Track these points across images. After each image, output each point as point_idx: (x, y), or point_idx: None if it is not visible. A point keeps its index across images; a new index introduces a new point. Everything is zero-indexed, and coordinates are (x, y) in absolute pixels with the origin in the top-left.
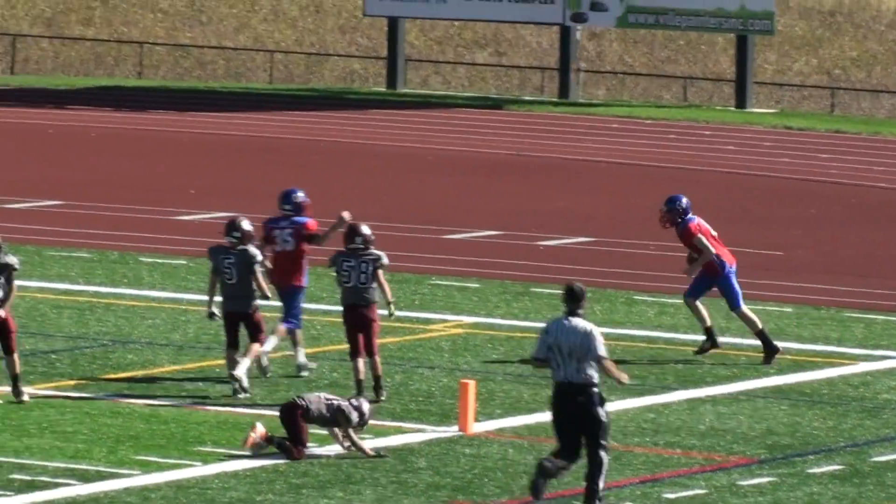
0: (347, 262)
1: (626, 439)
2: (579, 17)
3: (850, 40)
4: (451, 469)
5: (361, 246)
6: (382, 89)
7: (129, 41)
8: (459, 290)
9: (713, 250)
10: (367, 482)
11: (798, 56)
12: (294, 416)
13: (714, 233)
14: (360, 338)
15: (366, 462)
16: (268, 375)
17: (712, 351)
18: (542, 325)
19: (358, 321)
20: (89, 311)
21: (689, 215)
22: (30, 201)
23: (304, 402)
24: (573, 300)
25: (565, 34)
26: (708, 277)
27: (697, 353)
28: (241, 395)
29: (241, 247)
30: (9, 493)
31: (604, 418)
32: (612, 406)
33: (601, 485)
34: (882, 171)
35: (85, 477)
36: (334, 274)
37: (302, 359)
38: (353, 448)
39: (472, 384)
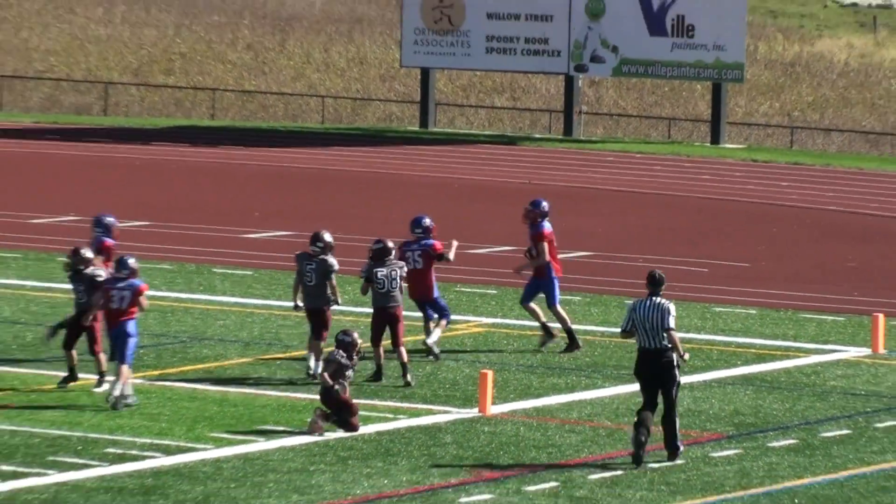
0: (381, 271)
1: (617, 419)
2: (581, 68)
3: (806, 87)
4: (473, 444)
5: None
6: (416, 128)
7: (204, 88)
8: (480, 296)
9: (547, 258)
10: (403, 454)
11: (763, 100)
12: (333, 396)
13: (555, 243)
14: (388, 330)
15: (401, 438)
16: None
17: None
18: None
19: (389, 319)
20: (171, 314)
21: (545, 221)
22: (122, 221)
23: (332, 383)
24: (654, 284)
25: (569, 82)
26: (535, 281)
27: (541, 346)
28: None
29: (321, 256)
30: (104, 464)
31: (677, 376)
32: (608, 392)
33: (678, 422)
34: (832, 197)
35: (167, 451)
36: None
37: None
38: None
39: (490, 374)
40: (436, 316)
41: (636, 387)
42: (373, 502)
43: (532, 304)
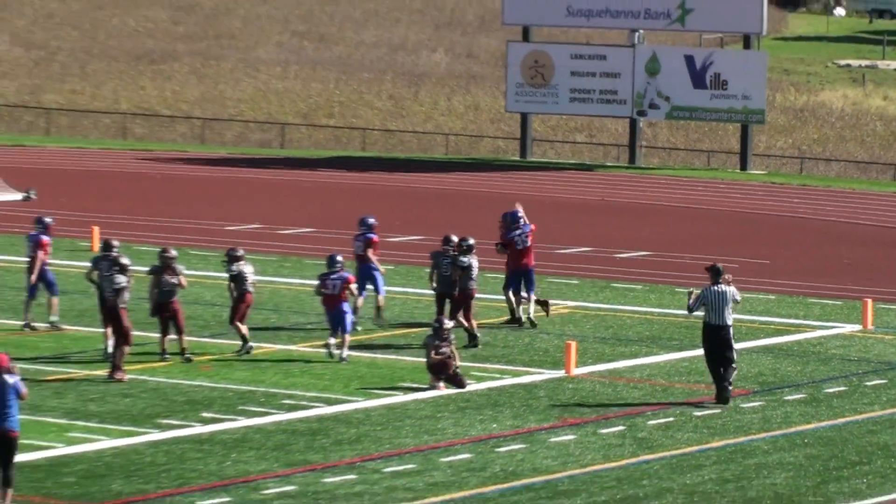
0: (445, 260)
1: (670, 378)
2: (642, 113)
3: (812, 128)
4: (560, 397)
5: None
6: (517, 158)
7: (356, 128)
8: (566, 285)
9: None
10: (507, 405)
11: (780, 137)
12: (446, 365)
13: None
14: (456, 308)
15: (506, 392)
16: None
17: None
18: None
19: (463, 300)
20: None
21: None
22: (291, 229)
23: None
24: (716, 274)
25: (633, 124)
26: (518, 273)
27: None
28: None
29: (453, 253)
30: (281, 412)
31: (734, 345)
32: (662, 358)
33: (731, 378)
34: (832, 211)
35: (329, 402)
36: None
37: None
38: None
39: (573, 344)
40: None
41: (685, 354)
42: (485, 441)
43: (510, 293)
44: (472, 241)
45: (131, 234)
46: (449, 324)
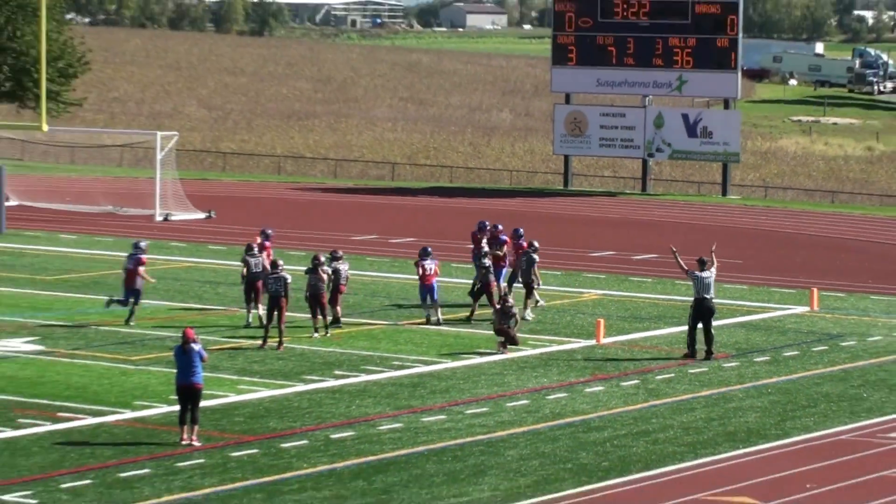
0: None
1: (671, 345)
2: (651, 155)
3: (773, 165)
4: (592, 359)
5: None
6: (561, 188)
7: (446, 166)
8: (596, 279)
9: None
10: (554, 365)
11: (750, 172)
12: (509, 331)
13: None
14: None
15: (553, 355)
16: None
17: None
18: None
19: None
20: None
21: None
22: (398, 238)
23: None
24: (702, 264)
25: (644, 162)
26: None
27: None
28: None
29: (529, 252)
30: (391, 370)
31: (715, 312)
32: (667, 331)
33: (714, 341)
34: (788, 225)
35: (425, 363)
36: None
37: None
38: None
39: (602, 321)
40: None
41: (683, 328)
42: (538, 391)
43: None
44: (536, 244)
45: (285, 243)
46: (511, 301)
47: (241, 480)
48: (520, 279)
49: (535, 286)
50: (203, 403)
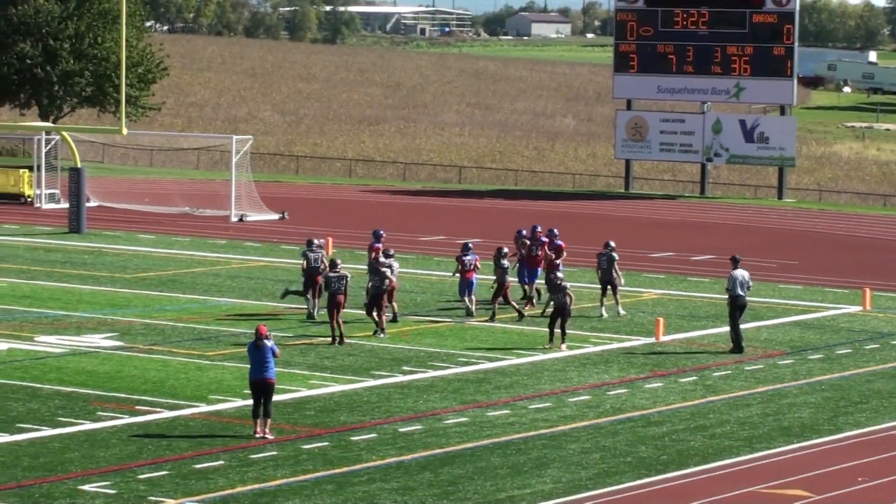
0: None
1: (728, 343)
2: (709, 159)
3: (828, 169)
4: (652, 356)
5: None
6: (623, 191)
7: (511, 169)
8: (656, 279)
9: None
10: (614, 362)
11: (805, 176)
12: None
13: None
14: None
15: (613, 353)
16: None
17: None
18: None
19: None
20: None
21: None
22: (464, 238)
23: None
24: (735, 262)
25: (703, 166)
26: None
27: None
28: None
29: (608, 251)
30: (457, 366)
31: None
32: (722, 329)
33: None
34: (842, 227)
35: (490, 359)
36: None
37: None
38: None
39: (661, 319)
40: None
41: (716, 330)
42: (599, 387)
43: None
44: (612, 244)
45: (355, 244)
46: (561, 275)
47: (313, 472)
48: (599, 277)
49: (620, 285)
50: (275, 398)
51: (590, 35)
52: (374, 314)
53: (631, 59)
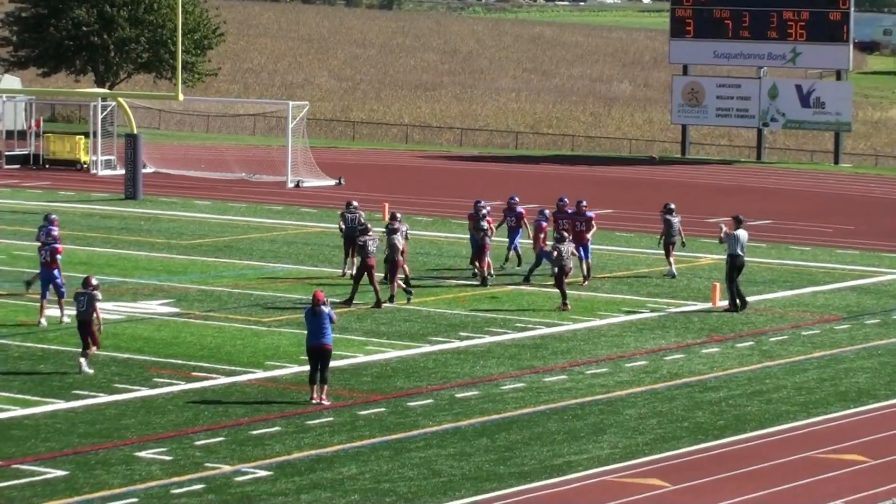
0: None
1: (784, 308)
2: (766, 125)
3: (884, 134)
4: (708, 321)
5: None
6: (679, 156)
7: (568, 135)
8: (713, 244)
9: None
10: (671, 327)
11: (861, 141)
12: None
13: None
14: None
15: (670, 318)
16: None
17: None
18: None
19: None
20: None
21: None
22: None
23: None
24: (738, 222)
25: (759, 132)
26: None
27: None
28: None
29: (667, 215)
30: (514, 332)
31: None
32: (778, 294)
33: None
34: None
35: (547, 325)
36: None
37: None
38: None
39: (717, 284)
40: None
41: (796, 291)
42: (656, 352)
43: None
44: (672, 205)
45: (412, 209)
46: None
47: (369, 438)
48: (661, 240)
49: (682, 245)
50: (332, 364)
51: (646, 0)
52: (395, 281)
53: (687, 25)
